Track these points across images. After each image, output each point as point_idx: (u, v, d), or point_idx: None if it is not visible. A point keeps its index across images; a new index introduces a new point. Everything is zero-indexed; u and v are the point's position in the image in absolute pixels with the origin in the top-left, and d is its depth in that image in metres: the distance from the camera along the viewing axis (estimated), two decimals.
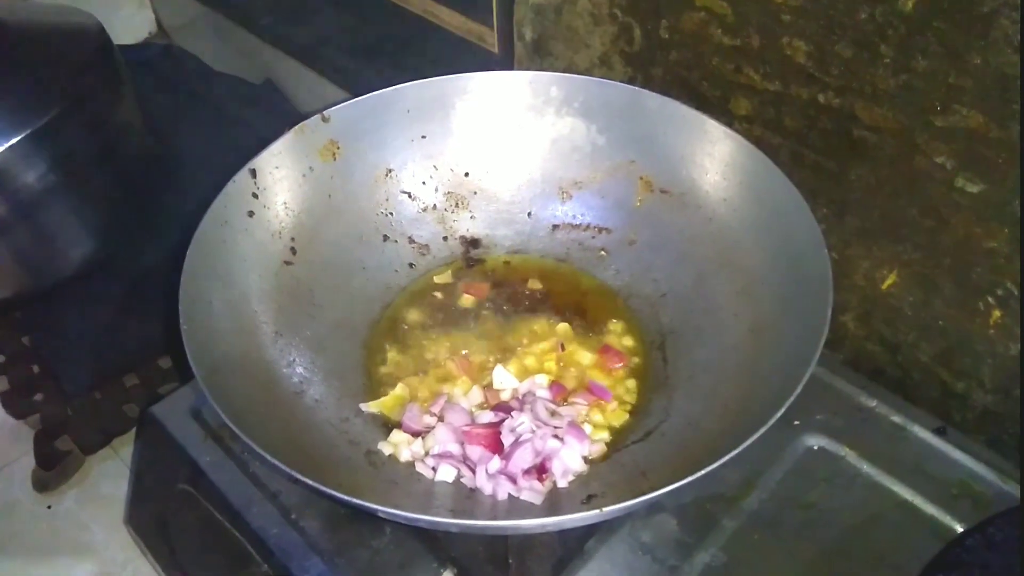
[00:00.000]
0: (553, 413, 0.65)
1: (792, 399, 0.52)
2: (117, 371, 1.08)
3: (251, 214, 0.72)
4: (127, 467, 0.88)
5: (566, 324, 0.75)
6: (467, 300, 0.78)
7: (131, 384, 1.07)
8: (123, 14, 1.60)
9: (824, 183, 0.73)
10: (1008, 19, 0.56)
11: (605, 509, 0.48)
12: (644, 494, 0.49)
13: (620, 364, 0.71)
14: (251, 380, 0.63)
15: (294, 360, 0.68)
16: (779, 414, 0.51)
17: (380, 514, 0.50)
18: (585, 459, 0.63)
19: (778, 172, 0.67)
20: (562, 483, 0.61)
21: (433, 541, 0.64)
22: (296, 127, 0.74)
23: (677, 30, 0.77)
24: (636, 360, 0.72)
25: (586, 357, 0.72)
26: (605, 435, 0.65)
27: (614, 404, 0.68)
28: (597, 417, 0.67)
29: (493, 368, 0.70)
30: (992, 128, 0.60)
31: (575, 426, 0.64)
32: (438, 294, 0.79)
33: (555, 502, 0.59)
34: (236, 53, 1.47)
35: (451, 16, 1.05)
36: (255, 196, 0.72)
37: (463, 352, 0.73)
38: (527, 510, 0.55)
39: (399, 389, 0.69)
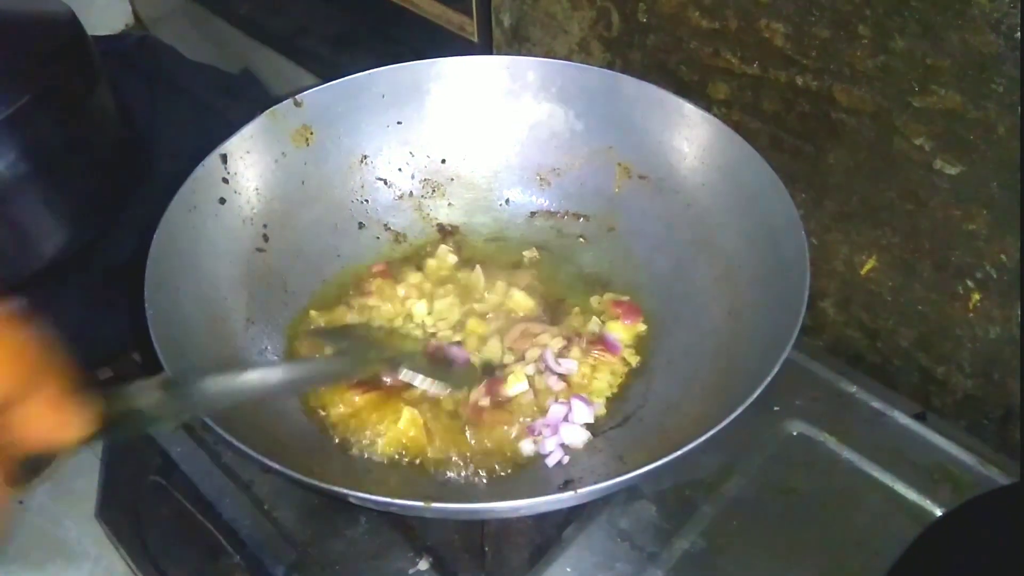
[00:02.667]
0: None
1: (768, 380, 0.51)
2: (90, 365, 1.06)
3: (222, 201, 0.70)
4: (100, 461, 0.86)
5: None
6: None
7: (105, 377, 1.05)
8: (99, 4, 1.58)
9: (803, 167, 0.72)
10: None
11: (580, 491, 0.48)
12: (619, 476, 0.48)
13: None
14: (220, 367, 0.62)
15: (266, 348, 0.67)
16: (755, 395, 0.50)
17: (352, 499, 0.49)
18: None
19: (756, 156, 0.67)
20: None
21: (408, 530, 0.63)
22: (268, 111, 0.73)
23: (655, 13, 0.76)
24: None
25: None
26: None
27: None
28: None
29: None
30: (969, 109, 0.60)
31: (579, 395, 0.64)
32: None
33: (531, 487, 0.58)
34: (213, 43, 1.45)
35: (430, 4, 1.04)
36: (225, 181, 0.70)
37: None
38: (501, 494, 0.54)
39: None
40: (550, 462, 0.62)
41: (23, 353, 0.21)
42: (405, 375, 0.60)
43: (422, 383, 0.60)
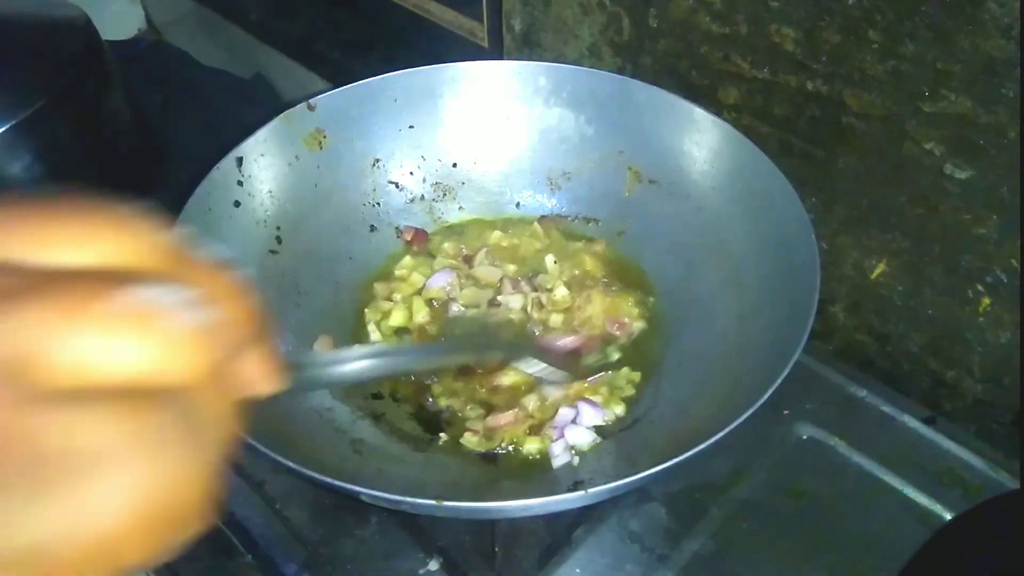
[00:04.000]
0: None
1: (777, 384, 0.51)
2: None
3: (236, 204, 0.71)
4: None
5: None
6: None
7: None
8: (113, 10, 1.59)
9: (813, 172, 0.73)
10: (995, 2, 0.56)
11: (589, 491, 0.48)
12: (628, 477, 0.48)
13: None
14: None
15: (278, 348, 0.68)
16: (764, 398, 0.50)
17: (363, 497, 0.49)
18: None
19: (767, 160, 0.67)
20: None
21: (419, 531, 0.64)
22: (282, 115, 0.74)
23: (666, 18, 0.76)
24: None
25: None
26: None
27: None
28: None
29: None
30: (980, 113, 0.60)
31: (589, 400, 0.65)
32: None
33: (541, 488, 0.59)
34: (226, 49, 1.47)
35: (441, 11, 1.05)
36: (240, 184, 0.71)
37: None
38: (511, 493, 0.54)
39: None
40: (556, 463, 0.62)
41: (253, 311, 0.24)
42: (526, 368, 0.61)
43: (542, 372, 0.61)
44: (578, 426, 0.64)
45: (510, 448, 0.64)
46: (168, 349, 0.21)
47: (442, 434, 0.66)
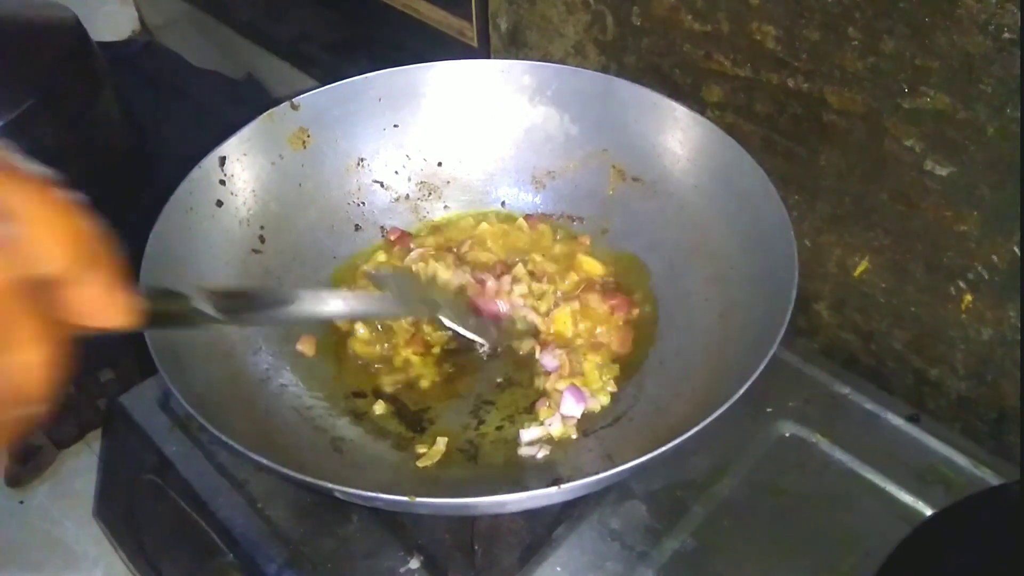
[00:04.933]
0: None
1: (753, 379, 0.51)
2: (92, 366, 1.07)
3: (219, 203, 0.71)
4: (98, 460, 0.87)
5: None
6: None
7: (106, 379, 1.06)
8: (106, 11, 1.60)
9: (795, 169, 0.73)
10: None
11: (564, 486, 0.48)
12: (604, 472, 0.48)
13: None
14: (214, 366, 0.62)
15: (260, 348, 0.68)
16: (739, 394, 0.50)
17: (337, 494, 0.49)
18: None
19: (747, 157, 0.67)
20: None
21: (399, 529, 0.64)
22: (265, 114, 0.74)
23: (648, 17, 0.76)
24: None
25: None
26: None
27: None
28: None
29: None
30: (959, 109, 0.60)
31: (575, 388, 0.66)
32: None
33: (519, 485, 0.59)
34: (218, 50, 1.47)
35: (431, 10, 1.05)
36: (222, 183, 0.71)
37: None
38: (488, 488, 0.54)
39: None
40: (526, 452, 0.63)
41: (84, 234, 0.24)
42: (444, 321, 0.63)
43: (459, 330, 0.63)
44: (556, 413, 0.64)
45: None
46: None
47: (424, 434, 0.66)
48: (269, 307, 0.48)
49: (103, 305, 0.26)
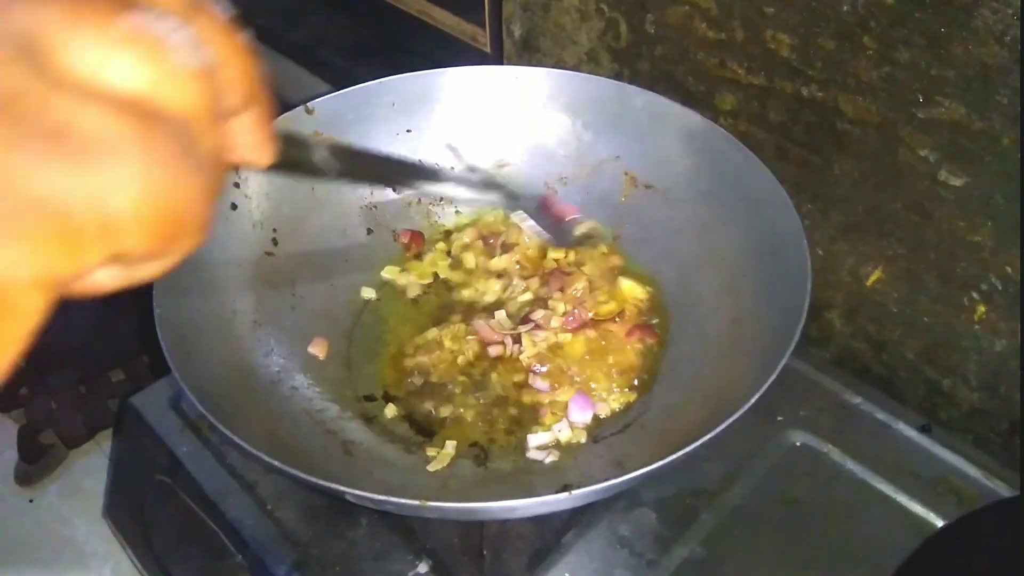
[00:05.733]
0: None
1: (765, 388, 0.51)
2: (103, 366, 1.07)
3: (233, 206, 0.72)
4: (108, 460, 0.87)
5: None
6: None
7: (117, 379, 1.07)
8: None
9: (809, 178, 0.73)
10: (989, 9, 0.56)
11: (574, 492, 0.48)
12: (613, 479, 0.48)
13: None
14: (227, 368, 0.63)
15: (272, 350, 0.68)
16: (751, 402, 0.50)
17: (348, 497, 0.49)
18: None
19: (761, 166, 0.67)
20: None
21: (408, 532, 0.64)
22: (279, 118, 0.74)
23: (662, 24, 0.76)
24: None
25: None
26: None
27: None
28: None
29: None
30: (974, 120, 0.60)
31: (581, 395, 0.66)
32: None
33: (528, 490, 0.59)
34: None
35: (444, 16, 1.06)
36: (236, 186, 0.71)
37: None
38: (498, 494, 0.55)
39: None
40: (534, 456, 0.63)
41: (255, 73, 0.26)
42: (520, 217, 0.66)
43: (530, 228, 0.66)
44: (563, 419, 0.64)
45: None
46: (168, 79, 0.22)
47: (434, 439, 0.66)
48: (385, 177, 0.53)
49: (260, 142, 0.28)
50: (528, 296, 0.73)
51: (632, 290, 0.74)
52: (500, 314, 0.72)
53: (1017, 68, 0.56)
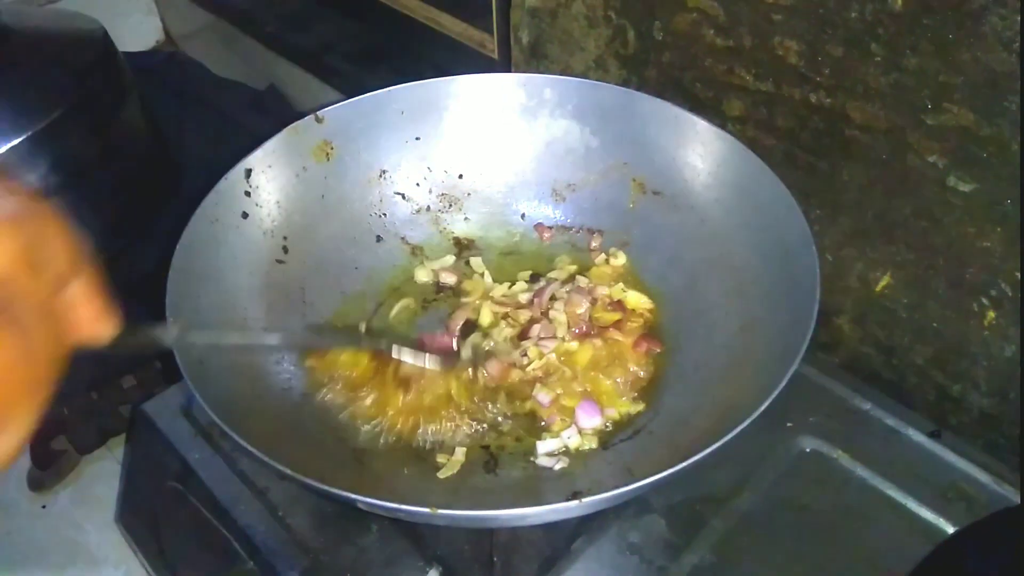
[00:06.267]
0: None
1: (775, 394, 0.51)
2: (115, 372, 1.08)
3: (244, 215, 0.72)
4: (120, 467, 0.88)
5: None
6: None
7: (128, 385, 1.07)
8: (131, 22, 1.62)
9: (817, 184, 0.73)
10: (997, 15, 0.56)
11: (584, 500, 0.48)
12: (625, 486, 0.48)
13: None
14: (238, 375, 0.63)
15: (283, 357, 0.68)
16: (761, 409, 0.50)
17: (360, 505, 0.50)
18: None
19: (769, 172, 0.67)
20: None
21: (419, 539, 0.64)
22: (289, 127, 0.75)
23: (670, 31, 0.77)
24: None
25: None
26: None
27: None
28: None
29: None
30: (983, 126, 0.60)
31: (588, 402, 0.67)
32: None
33: (538, 497, 0.59)
34: (241, 60, 1.49)
35: (452, 22, 1.06)
36: (247, 195, 0.72)
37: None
38: (509, 502, 0.55)
39: None
40: (544, 463, 0.63)
41: (68, 236, 0.26)
42: (395, 351, 0.63)
43: (413, 358, 0.63)
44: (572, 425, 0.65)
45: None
46: None
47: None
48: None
49: (92, 312, 0.28)
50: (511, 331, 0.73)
51: (637, 300, 0.74)
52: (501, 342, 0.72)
53: None
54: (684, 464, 0.49)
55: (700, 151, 0.74)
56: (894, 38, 0.62)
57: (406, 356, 0.64)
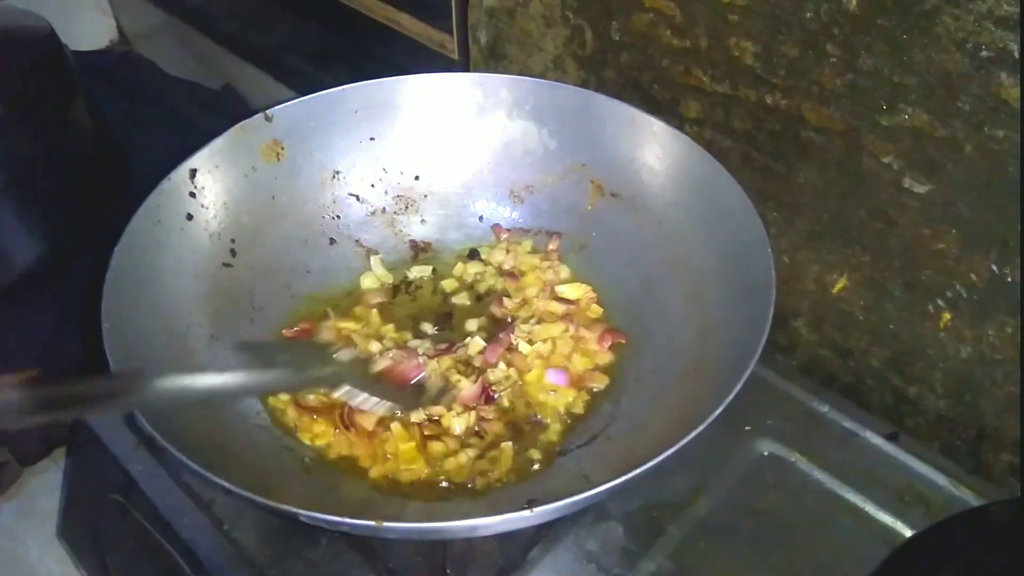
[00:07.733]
0: None
1: (730, 398, 0.50)
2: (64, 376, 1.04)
3: (189, 216, 0.70)
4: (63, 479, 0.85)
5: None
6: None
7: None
8: (84, 20, 1.58)
9: (774, 186, 0.72)
10: (950, 15, 0.56)
11: (536, 510, 0.47)
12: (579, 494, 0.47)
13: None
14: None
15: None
16: (716, 413, 0.49)
17: (302, 518, 0.48)
18: None
19: (726, 174, 0.66)
20: None
21: (370, 552, 0.62)
22: (237, 125, 0.73)
23: (627, 31, 0.76)
24: None
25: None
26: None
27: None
28: None
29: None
30: (937, 127, 0.60)
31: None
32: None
33: (491, 506, 0.57)
34: (197, 60, 1.45)
35: (412, 23, 1.04)
36: (192, 195, 0.70)
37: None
38: (460, 513, 0.53)
39: None
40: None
41: None
42: (345, 393, 0.59)
43: (363, 403, 0.59)
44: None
45: None
46: None
47: None
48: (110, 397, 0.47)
49: None
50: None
51: (577, 290, 0.74)
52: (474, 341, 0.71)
53: (979, 75, 0.56)
54: (639, 470, 0.48)
55: (658, 152, 0.73)
56: (849, 38, 0.61)
57: (356, 400, 0.60)
